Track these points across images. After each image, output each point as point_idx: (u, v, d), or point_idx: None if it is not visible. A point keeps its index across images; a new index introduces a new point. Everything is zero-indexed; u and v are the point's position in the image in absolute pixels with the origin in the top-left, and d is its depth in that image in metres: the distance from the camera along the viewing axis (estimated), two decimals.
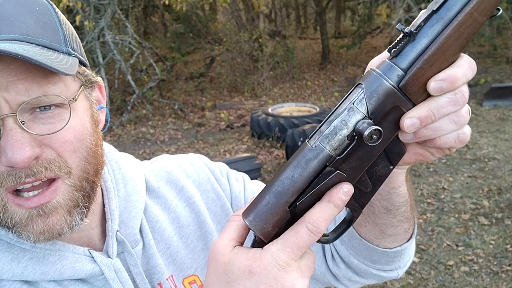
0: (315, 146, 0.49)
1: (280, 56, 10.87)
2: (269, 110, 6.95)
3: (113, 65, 7.48)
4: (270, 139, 6.29)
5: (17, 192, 0.55)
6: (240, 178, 0.82)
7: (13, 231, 0.56)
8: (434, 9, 0.48)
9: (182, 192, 0.76)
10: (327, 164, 0.48)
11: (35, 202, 0.55)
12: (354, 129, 0.47)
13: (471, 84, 9.78)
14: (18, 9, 0.56)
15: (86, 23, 6.74)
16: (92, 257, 0.63)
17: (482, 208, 4.19)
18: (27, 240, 0.57)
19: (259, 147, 6.28)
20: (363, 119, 0.47)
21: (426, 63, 0.47)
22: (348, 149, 0.48)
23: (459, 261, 3.36)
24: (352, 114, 0.47)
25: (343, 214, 0.56)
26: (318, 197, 0.49)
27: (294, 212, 0.49)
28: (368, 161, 0.49)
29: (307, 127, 5.24)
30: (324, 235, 0.54)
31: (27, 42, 0.54)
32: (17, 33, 0.54)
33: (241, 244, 0.52)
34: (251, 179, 0.94)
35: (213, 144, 6.65)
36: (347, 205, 0.52)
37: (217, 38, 11.89)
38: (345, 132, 0.48)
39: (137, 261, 0.66)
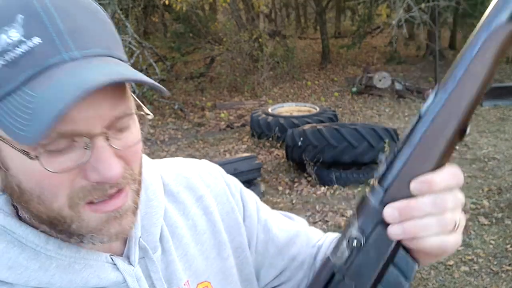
0: (326, 258, 0.58)
1: (280, 56, 10.87)
2: (269, 110, 6.95)
3: None
4: (270, 139, 6.29)
5: (91, 202, 0.56)
6: (252, 198, 0.82)
7: (87, 238, 0.57)
8: (407, 133, 0.53)
9: (200, 200, 0.77)
10: (334, 271, 0.55)
11: (112, 206, 0.56)
12: (348, 239, 0.55)
13: None
14: (92, 20, 0.53)
15: None
16: (115, 264, 0.63)
17: (482, 208, 4.19)
18: (100, 243, 0.58)
19: (259, 147, 6.28)
20: (356, 231, 0.54)
21: (400, 182, 0.52)
22: (349, 257, 0.54)
23: (459, 261, 3.36)
24: (349, 228, 0.55)
25: None
26: None
27: None
28: (372, 269, 0.53)
29: (307, 127, 5.24)
30: None
31: (111, 57, 0.53)
32: (101, 47, 0.52)
33: None
34: (251, 179, 0.99)
35: (213, 144, 6.65)
36: None
37: (217, 38, 11.89)
38: (345, 243, 0.55)
39: (158, 268, 0.66)
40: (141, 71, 8.67)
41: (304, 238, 0.82)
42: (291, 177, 5.15)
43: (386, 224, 0.52)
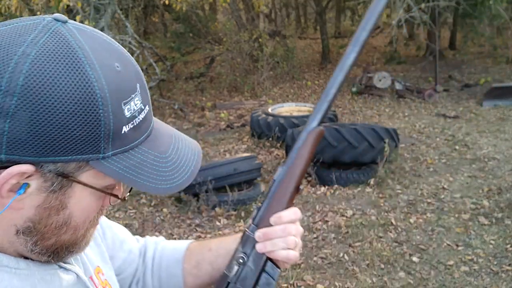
0: (223, 273, 0.81)
1: (280, 56, 10.87)
2: (269, 110, 6.95)
3: None
4: (270, 139, 6.29)
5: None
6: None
7: (73, 255, 0.65)
8: (268, 191, 0.81)
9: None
10: (229, 281, 0.79)
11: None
12: (236, 259, 0.79)
13: (471, 84, 9.78)
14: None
15: (86, 23, 6.74)
16: (65, 268, 0.66)
17: (482, 208, 4.19)
18: (74, 255, 0.66)
19: (259, 147, 6.28)
20: (241, 253, 0.79)
21: (264, 219, 0.79)
22: (237, 271, 0.79)
23: (459, 261, 3.36)
24: (236, 252, 0.80)
25: None
26: None
27: None
28: (252, 277, 0.79)
29: None
30: None
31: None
32: (147, 102, 0.61)
33: None
34: (251, 179, 1.16)
35: (213, 144, 6.65)
36: None
37: (217, 38, 11.89)
38: (234, 262, 0.79)
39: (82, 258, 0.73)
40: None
41: (133, 239, 0.95)
42: None
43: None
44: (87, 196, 0.58)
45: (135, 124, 0.57)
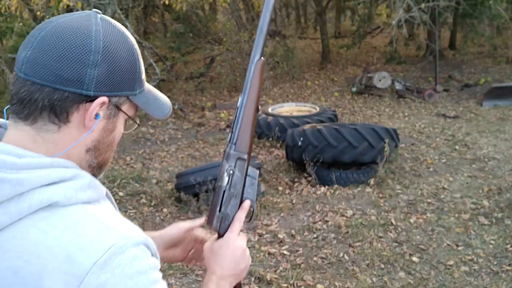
0: (218, 186, 1.03)
1: (280, 56, 10.87)
2: (269, 110, 6.95)
3: None
4: (270, 139, 6.28)
5: None
6: None
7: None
8: (235, 115, 1.03)
9: None
10: (224, 191, 1.01)
11: None
12: (226, 171, 1.01)
13: (471, 84, 9.78)
14: None
15: None
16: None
17: (482, 208, 4.19)
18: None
19: (259, 147, 6.28)
20: (228, 167, 1.01)
21: (238, 138, 1.04)
22: (228, 180, 1.01)
23: (459, 261, 3.36)
24: (223, 167, 1.01)
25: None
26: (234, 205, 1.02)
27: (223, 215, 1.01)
28: (240, 182, 1.01)
29: (307, 127, 5.23)
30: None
31: None
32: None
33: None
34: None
35: (213, 144, 6.65)
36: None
37: (217, 38, 11.88)
38: (225, 174, 1.01)
39: None
40: None
41: None
42: (291, 177, 5.14)
43: (240, 158, 1.00)
44: (122, 122, 0.82)
45: (144, 74, 0.83)
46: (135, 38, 7.98)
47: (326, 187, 4.77)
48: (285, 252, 3.54)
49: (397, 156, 5.31)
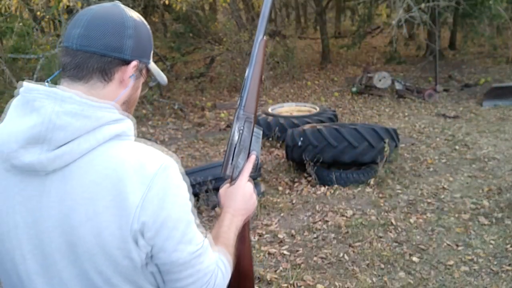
0: (229, 143, 1.27)
1: (280, 56, 10.86)
2: (269, 110, 6.95)
3: None
4: (270, 139, 6.28)
5: None
6: None
7: None
8: (244, 83, 1.27)
9: None
10: (235, 146, 1.25)
11: None
12: (237, 130, 1.26)
13: (471, 84, 9.78)
14: None
15: None
16: None
17: (482, 208, 4.19)
18: None
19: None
20: (238, 126, 1.26)
21: (247, 100, 1.28)
22: (238, 138, 1.25)
23: (459, 261, 3.36)
24: (233, 127, 1.26)
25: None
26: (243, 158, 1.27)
27: (234, 165, 1.25)
28: (248, 138, 1.26)
29: (307, 127, 5.23)
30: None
31: None
32: None
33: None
34: (251, 179, 1.30)
35: (213, 144, 6.65)
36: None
37: (217, 38, 11.88)
38: (236, 132, 1.25)
39: None
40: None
41: None
42: (291, 177, 5.14)
43: (248, 119, 1.25)
44: (141, 84, 1.07)
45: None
46: None
47: (326, 187, 4.77)
48: (285, 252, 3.54)
49: (397, 156, 5.31)
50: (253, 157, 1.26)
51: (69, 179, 0.89)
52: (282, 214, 4.24)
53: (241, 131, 1.24)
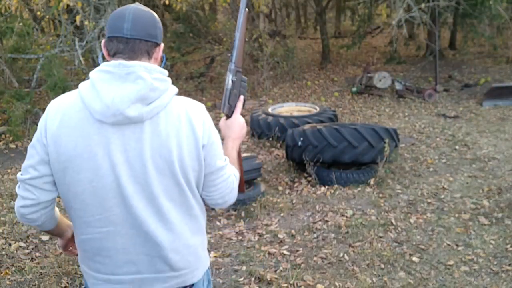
0: (226, 90, 1.68)
1: (280, 56, 10.86)
2: (269, 110, 6.94)
3: None
4: (270, 139, 6.28)
5: None
6: None
7: None
8: (233, 42, 1.67)
9: None
10: (230, 91, 1.65)
11: None
12: (231, 79, 1.65)
13: (471, 84, 9.78)
14: None
15: (86, 23, 6.74)
16: None
17: (482, 208, 4.19)
18: None
19: (259, 147, 6.28)
20: (231, 77, 1.66)
21: (236, 56, 1.67)
22: (232, 85, 1.65)
23: (459, 261, 3.36)
24: (228, 78, 1.65)
25: None
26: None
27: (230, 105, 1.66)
28: (239, 85, 1.67)
29: (307, 127, 5.23)
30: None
31: None
32: None
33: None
34: (251, 179, 1.40)
35: None
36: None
37: (217, 38, 11.88)
38: (230, 81, 1.64)
39: None
40: None
41: None
42: (291, 177, 5.15)
43: (238, 71, 1.64)
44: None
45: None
46: None
47: (326, 187, 4.77)
48: (285, 252, 3.54)
49: (397, 156, 5.31)
50: (242, 98, 1.67)
51: (158, 124, 1.32)
52: (282, 214, 4.24)
53: (233, 80, 1.63)
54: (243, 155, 4.67)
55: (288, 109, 7.32)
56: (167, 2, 8.67)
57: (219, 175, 1.45)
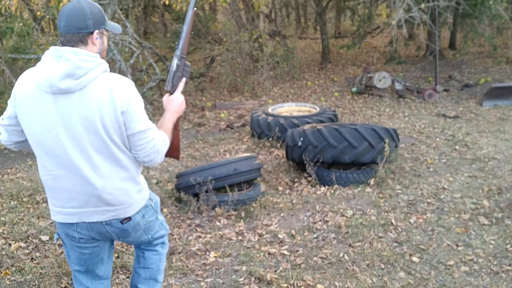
0: (170, 71, 2.12)
1: (280, 56, 10.85)
2: (269, 110, 6.94)
3: (113, 65, 7.46)
4: (270, 139, 6.29)
5: None
6: None
7: None
8: (181, 33, 2.16)
9: None
10: (175, 74, 2.12)
11: None
12: (175, 63, 2.11)
13: (471, 84, 9.77)
14: None
15: None
16: None
17: (482, 208, 4.19)
18: None
19: (259, 147, 6.28)
20: (176, 61, 2.12)
21: (182, 44, 2.14)
22: (176, 68, 2.10)
23: (459, 261, 3.36)
24: (173, 62, 2.11)
25: None
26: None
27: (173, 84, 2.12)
28: (182, 68, 2.13)
29: (307, 127, 5.23)
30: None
31: None
32: None
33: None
34: (251, 179, 1.36)
35: (213, 144, 6.65)
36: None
37: (217, 38, 11.88)
38: (174, 64, 2.11)
39: None
40: (141, 71, 8.67)
41: None
42: (291, 177, 5.14)
43: (183, 57, 2.10)
44: (106, 39, 1.91)
45: (106, 15, 1.90)
46: (135, 38, 7.97)
47: (326, 187, 4.77)
48: (285, 252, 3.54)
49: (397, 156, 5.31)
50: (183, 80, 2.10)
51: (85, 94, 1.74)
52: (282, 214, 4.24)
53: (178, 64, 2.06)
54: (243, 155, 4.68)
55: (288, 109, 7.32)
56: (167, 2, 8.67)
57: (141, 137, 1.83)
